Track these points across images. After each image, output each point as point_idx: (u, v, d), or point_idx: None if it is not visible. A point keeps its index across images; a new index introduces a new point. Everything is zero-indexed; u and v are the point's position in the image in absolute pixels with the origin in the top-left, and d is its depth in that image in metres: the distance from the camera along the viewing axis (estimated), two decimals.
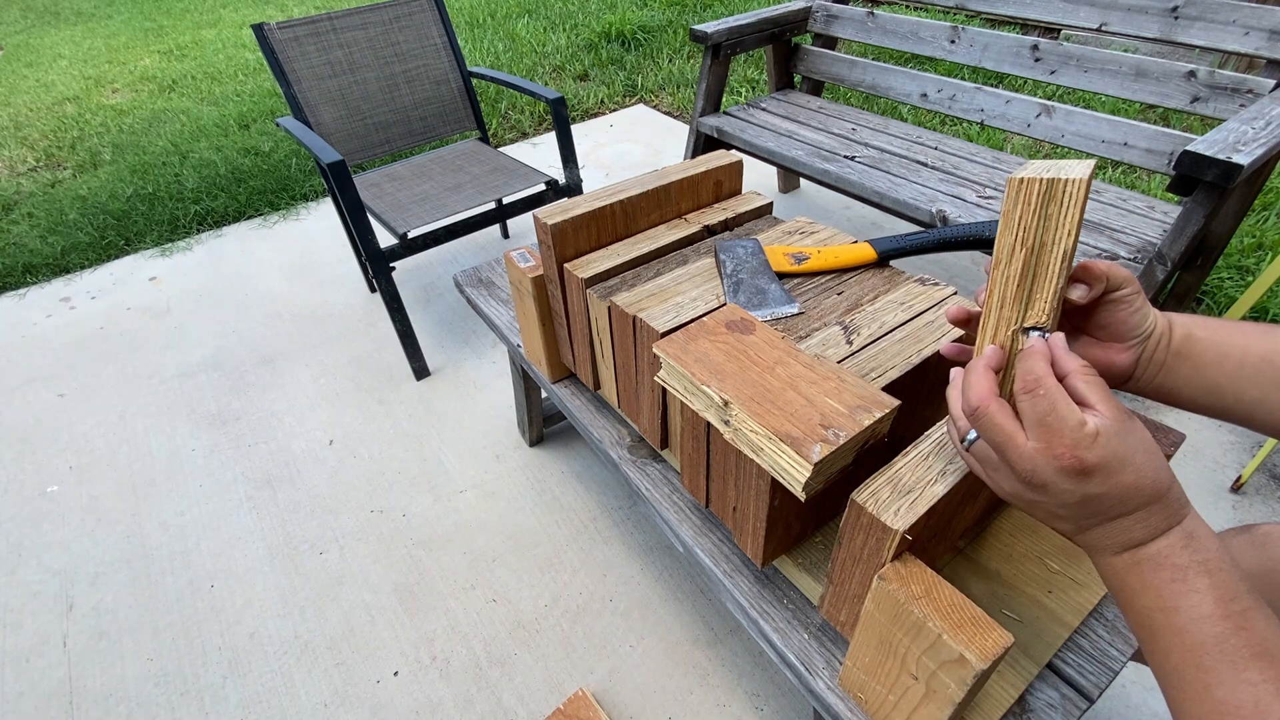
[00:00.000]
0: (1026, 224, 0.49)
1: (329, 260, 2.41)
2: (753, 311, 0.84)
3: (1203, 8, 1.47)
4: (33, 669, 1.26)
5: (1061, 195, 0.48)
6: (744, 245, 0.94)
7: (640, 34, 4.10)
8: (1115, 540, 0.46)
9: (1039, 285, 0.50)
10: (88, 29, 5.40)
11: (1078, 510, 0.46)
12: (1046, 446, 0.44)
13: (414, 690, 1.20)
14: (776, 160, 1.99)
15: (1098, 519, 0.46)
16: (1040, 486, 0.46)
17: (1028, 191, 0.49)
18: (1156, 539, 0.45)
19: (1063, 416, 0.44)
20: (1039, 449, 0.45)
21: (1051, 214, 0.49)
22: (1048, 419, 0.44)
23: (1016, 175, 0.49)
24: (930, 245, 0.89)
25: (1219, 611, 0.42)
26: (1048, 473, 0.45)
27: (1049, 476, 0.45)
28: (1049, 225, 0.49)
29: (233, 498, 1.56)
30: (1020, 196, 0.49)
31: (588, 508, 1.49)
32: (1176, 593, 0.43)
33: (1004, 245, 0.51)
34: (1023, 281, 0.50)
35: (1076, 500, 0.45)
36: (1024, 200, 0.49)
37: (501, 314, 1.33)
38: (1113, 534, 0.46)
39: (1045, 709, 0.71)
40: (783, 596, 0.83)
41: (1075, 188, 0.47)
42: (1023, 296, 0.51)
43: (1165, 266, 1.32)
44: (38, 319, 2.21)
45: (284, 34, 1.76)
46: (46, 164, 3.20)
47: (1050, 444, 0.44)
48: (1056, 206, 0.48)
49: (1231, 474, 1.47)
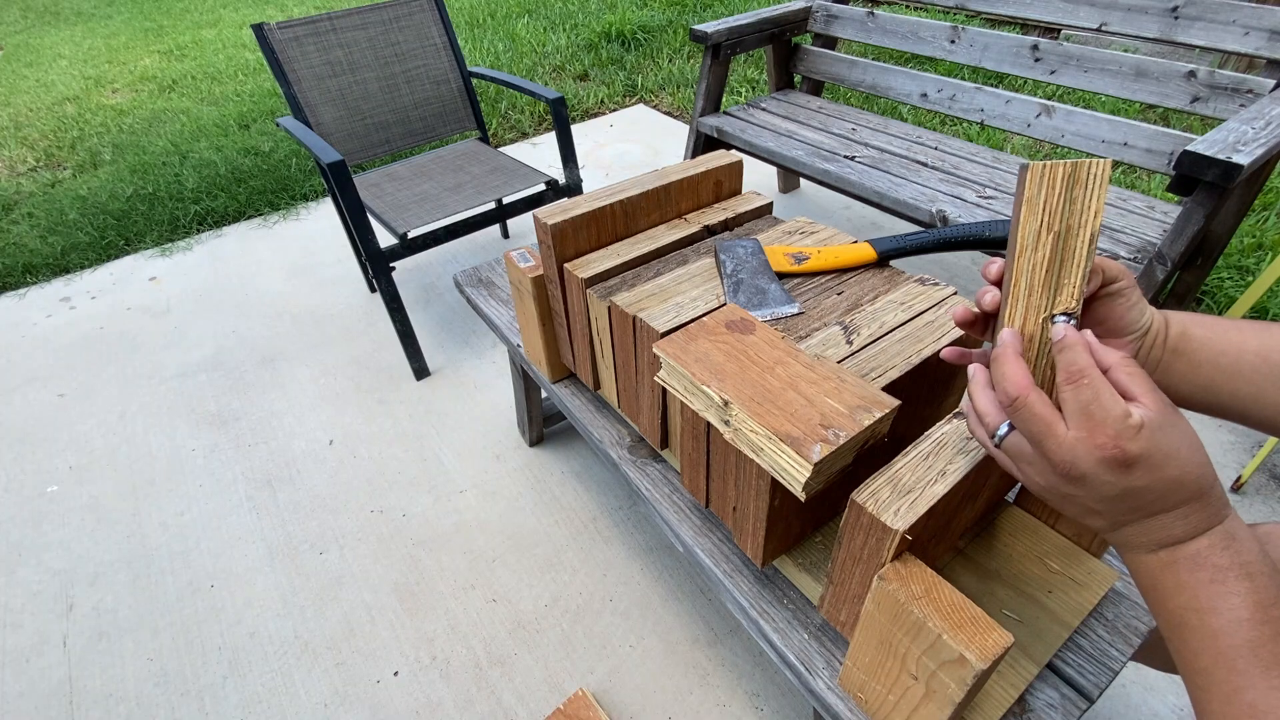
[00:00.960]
0: (1052, 208, 0.49)
1: (329, 260, 2.41)
2: (753, 311, 0.84)
3: (1203, 8, 1.47)
4: (33, 669, 1.27)
5: (1087, 178, 0.48)
6: (744, 245, 0.94)
7: (640, 34, 4.10)
8: (1153, 538, 0.45)
9: (1066, 270, 0.50)
10: (88, 29, 5.40)
11: (1116, 504, 0.44)
12: (1089, 436, 0.43)
13: (414, 690, 1.20)
14: (776, 160, 1.99)
15: (1136, 514, 0.45)
16: (1078, 479, 0.44)
17: (1052, 176, 0.49)
18: (1196, 538, 0.44)
19: (1106, 406, 0.42)
20: (1080, 439, 0.43)
21: (1077, 197, 0.49)
22: (1090, 408, 0.43)
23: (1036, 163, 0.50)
24: (930, 245, 0.89)
25: (1257, 616, 0.41)
26: (1088, 463, 0.43)
27: (1089, 467, 0.43)
28: (1075, 208, 0.49)
29: (233, 498, 1.56)
30: (1045, 181, 0.49)
31: (588, 508, 1.49)
32: (1214, 594, 0.42)
33: (1029, 231, 0.50)
34: (1050, 267, 0.50)
35: (1116, 493, 0.44)
36: (1049, 185, 0.49)
37: (501, 314, 1.33)
38: (1151, 531, 0.45)
39: (1045, 709, 0.71)
40: (783, 596, 0.83)
41: (1100, 169, 0.48)
42: (1051, 283, 0.50)
43: (1165, 266, 1.32)
44: (38, 319, 2.21)
45: (284, 34, 1.76)
46: (46, 164, 3.20)
47: (1092, 433, 0.43)
48: (1082, 190, 0.49)
49: (1231, 474, 1.47)
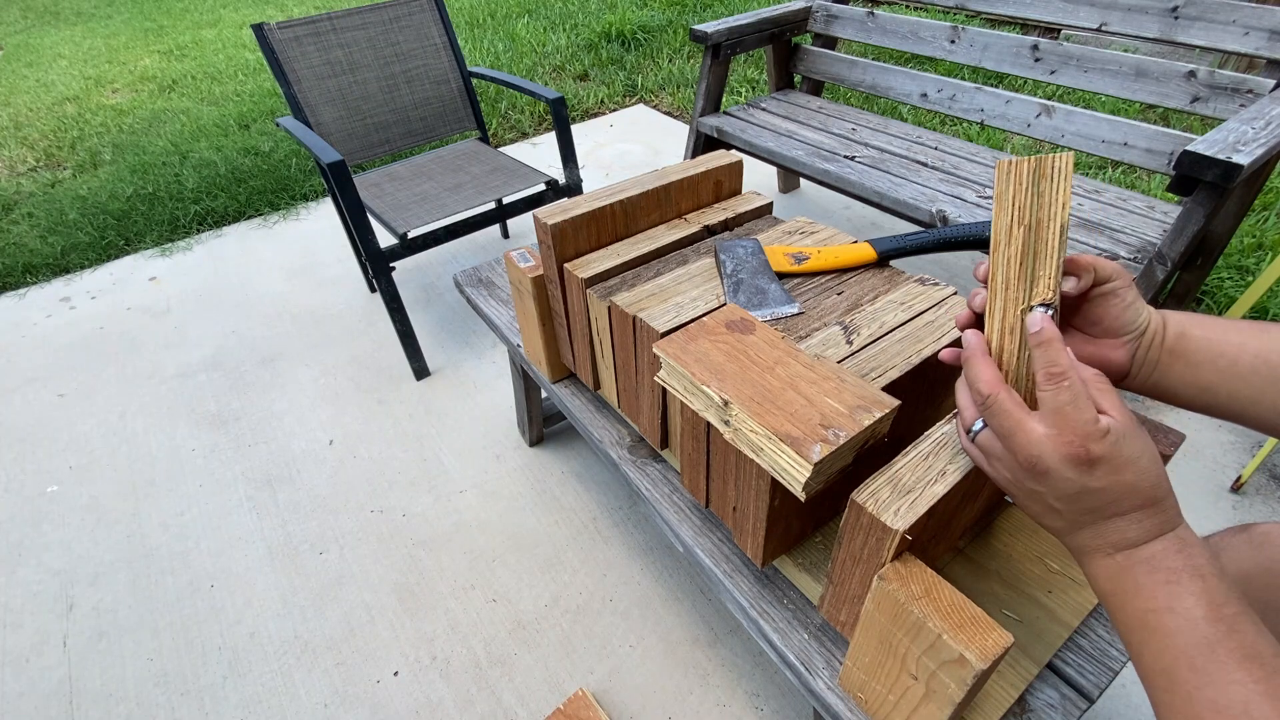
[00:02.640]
0: (1021, 203, 0.51)
1: (329, 260, 2.41)
2: (753, 311, 0.84)
3: (1203, 8, 1.47)
4: (33, 669, 1.26)
5: (1051, 171, 0.50)
6: (744, 245, 0.94)
7: (640, 34, 4.10)
8: (1109, 540, 0.47)
9: (1040, 261, 0.51)
10: (88, 29, 5.40)
11: (1074, 504, 0.47)
12: (1057, 434, 0.45)
13: (414, 690, 1.20)
14: (776, 160, 1.99)
15: (1093, 516, 0.47)
16: (1042, 474, 0.46)
17: (1018, 171, 0.51)
18: (1150, 541, 0.46)
19: (1080, 408, 0.45)
20: (1048, 435, 0.46)
21: (1044, 190, 0.51)
22: (1066, 409, 0.45)
23: (1004, 159, 0.51)
24: (930, 245, 0.89)
25: (1211, 614, 0.43)
26: (1053, 459, 0.45)
27: (1052, 463, 0.45)
28: (1043, 201, 0.51)
29: (233, 498, 1.56)
30: (1011, 177, 0.51)
31: (588, 508, 1.49)
32: (1171, 594, 0.44)
33: (1001, 227, 0.52)
34: (1024, 259, 0.52)
35: (1074, 491, 0.46)
36: (1015, 180, 0.51)
37: (501, 314, 1.33)
38: (1106, 533, 0.47)
39: (1045, 709, 0.71)
40: (783, 596, 0.83)
41: (1063, 162, 0.50)
42: (1026, 275, 0.52)
43: (1165, 266, 1.32)
44: (38, 319, 2.21)
45: (284, 34, 1.76)
46: (46, 164, 3.20)
47: (1061, 431, 0.45)
48: (1048, 183, 0.50)
49: (1231, 474, 1.47)
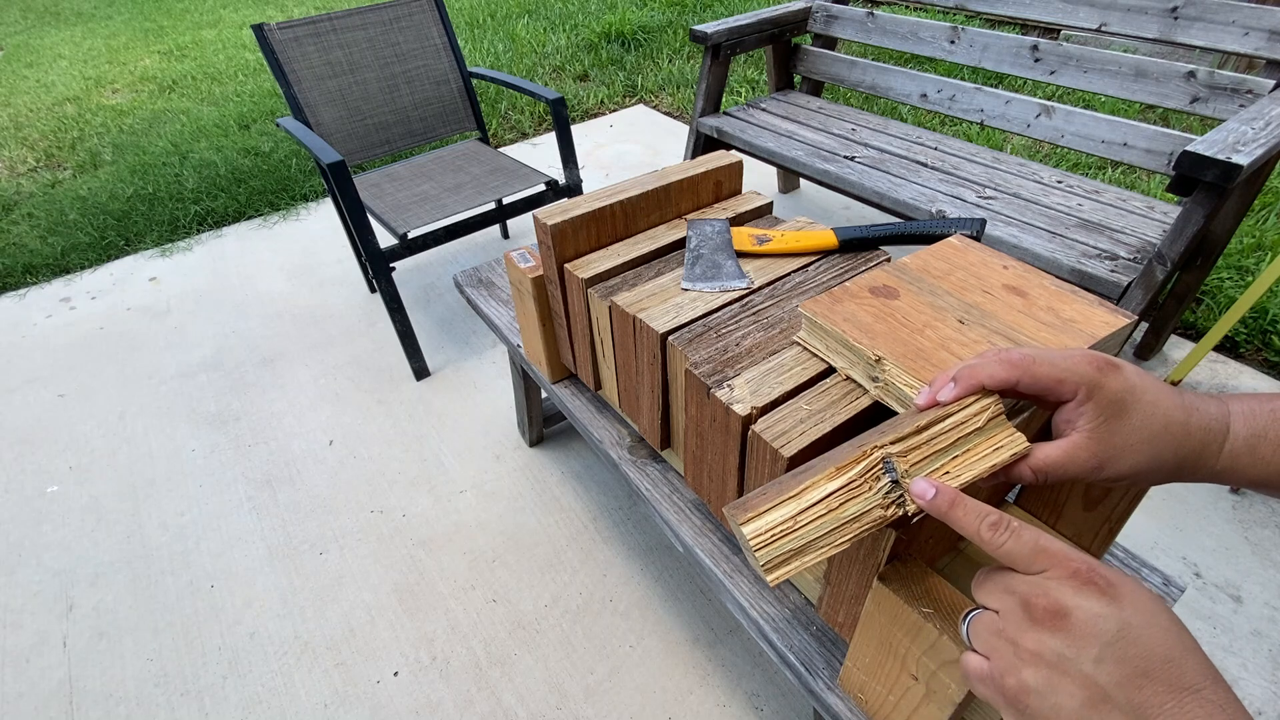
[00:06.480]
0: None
1: (329, 260, 2.41)
2: (704, 284, 0.88)
3: (1203, 8, 1.47)
4: (33, 669, 1.27)
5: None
6: (711, 224, 0.97)
7: (640, 34, 4.10)
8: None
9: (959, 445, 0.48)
10: (88, 29, 5.40)
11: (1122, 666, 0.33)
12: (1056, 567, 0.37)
13: (414, 690, 1.20)
14: (776, 160, 1.99)
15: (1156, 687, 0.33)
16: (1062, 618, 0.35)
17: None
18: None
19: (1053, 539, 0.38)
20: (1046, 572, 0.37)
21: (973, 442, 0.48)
22: (1042, 542, 0.38)
23: None
24: (892, 238, 0.92)
25: None
26: (1065, 593, 0.36)
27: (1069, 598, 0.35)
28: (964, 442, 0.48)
29: (233, 498, 1.56)
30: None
31: (588, 508, 1.49)
32: None
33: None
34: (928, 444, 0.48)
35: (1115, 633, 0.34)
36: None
37: (501, 314, 1.33)
38: None
39: None
40: (783, 596, 0.83)
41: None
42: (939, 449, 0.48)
43: (1165, 267, 1.32)
44: (38, 319, 2.21)
45: (284, 34, 1.76)
46: (46, 164, 3.20)
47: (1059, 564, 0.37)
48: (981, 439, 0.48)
49: None
